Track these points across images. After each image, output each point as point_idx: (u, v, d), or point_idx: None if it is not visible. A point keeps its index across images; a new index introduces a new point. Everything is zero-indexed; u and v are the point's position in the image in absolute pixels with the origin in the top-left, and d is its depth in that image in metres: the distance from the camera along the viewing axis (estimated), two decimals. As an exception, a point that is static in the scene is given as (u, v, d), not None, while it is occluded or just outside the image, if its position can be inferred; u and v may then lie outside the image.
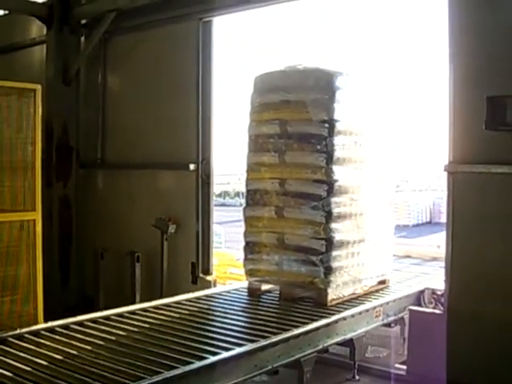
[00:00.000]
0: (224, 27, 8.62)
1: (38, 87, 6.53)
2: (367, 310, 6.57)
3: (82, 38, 9.44)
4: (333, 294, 6.57)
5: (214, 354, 4.91)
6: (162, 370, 4.52)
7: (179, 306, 6.56)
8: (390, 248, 7.60)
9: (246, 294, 7.21)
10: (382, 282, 7.36)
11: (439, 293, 7.34)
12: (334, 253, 6.59)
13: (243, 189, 7.09)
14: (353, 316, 6.32)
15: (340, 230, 6.63)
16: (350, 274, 6.79)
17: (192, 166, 8.30)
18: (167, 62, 8.65)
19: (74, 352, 4.92)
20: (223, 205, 30.99)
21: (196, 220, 8.31)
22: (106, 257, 8.83)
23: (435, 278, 7.93)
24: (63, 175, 9.42)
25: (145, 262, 8.53)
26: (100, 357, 4.84)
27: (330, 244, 6.53)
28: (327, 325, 5.96)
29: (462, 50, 6.05)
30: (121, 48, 9.28)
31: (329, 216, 6.51)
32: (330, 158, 6.51)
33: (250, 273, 7.05)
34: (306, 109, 6.49)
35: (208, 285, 8.07)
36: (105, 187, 9.46)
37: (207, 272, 8.35)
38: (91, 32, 9.17)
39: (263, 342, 5.26)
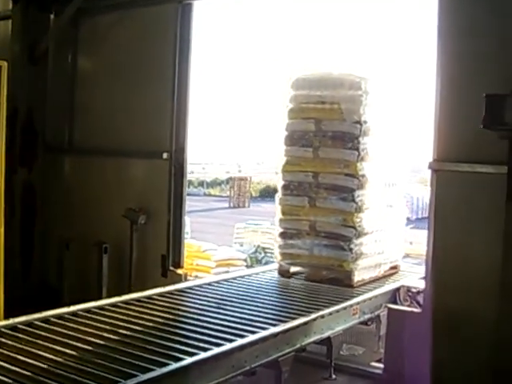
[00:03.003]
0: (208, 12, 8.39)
1: (4, 64, 6.13)
2: (344, 308, 6.46)
3: (52, 15, 9.01)
4: (358, 276, 7.38)
5: (191, 354, 4.70)
6: (136, 373, 4.27)
7: (151, 301, 6.32)
8: (402, 237, 8.45)
9: (219, 287, 7.07)
10: (394, 268, 8.18)
11: (414, 290, 7.32)
12: (361, 240, 7.42)
13: (207, 178, 7.45)
14: (330, 314, 6.21)
15: (366, 220, 7.44)
16: (372, 259, 7.62)
17: (165, 155, 8.03)
18: (143, 45, 8.32)
19: (39, 352, 4.62)
20: (187, 194, 30.70)
21: (168, 211, 8.07)
22: (72, 247, 8.50)
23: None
24: (28, 161, 9.02)
25: (113, 254, 8.22)
26: (68, 358, 4.54)
27: (358, 231, 7.36)
28: (305, 323, 5.82)
29: (449, 49, 6.04)
30: (94, 28, 8.90)
31: (358, 206, 7.35)
32: (360, 155, 7.33)
33: (282, 256, 7.81)
34: (341, 110, 7.35)
35: (178, 278, 7.82)
36: (72, 174, 9.09)
37: (178, 265, 8.12)
38: (62, 9, 8.75)
39: (241, 342, 5.08)
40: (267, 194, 39.74)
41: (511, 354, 4.72)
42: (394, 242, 8.10)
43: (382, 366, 6.67)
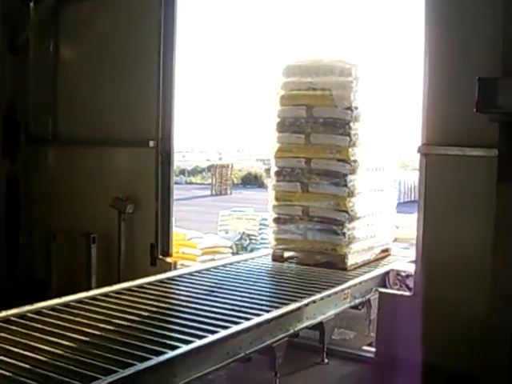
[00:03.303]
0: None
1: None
2: (336, 293, 6.51)
3: (32, 4, 8.86)
4: (351, 259, 7.55)
5: (187, 342, 4.70)
6: (134, 362, 4.27)
7: (142, 290, 6.31)
8: (392, 221, 8.63)
9: (210, 275, 7.08)
10: (385, 251, 8.38)
11: (403, 274, 7.38)
12: (354, 224, 7.60)
13: (188, 167, 7.42)
14: (322, 299, 6.25)
15: (358, 204, 7.62)
16: (364, 243, 7.81)
17: (151, 143, 7.95)
18: (126, 33, 8.16)
19: (36, 344, 4.58)
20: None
21: (155, 199, 7.98)
22: (59, 239, 8.39)
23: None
24: (10, 152, 8.92)
25: (101, 244, 8.12)
26: (65, 349, 4.52)
27: (350, 216, 7.53)
28: (298, 309, 5.85)
29: (437, 33, 6.02)
30: (76, 16, 8.72)
31: (350, 191, 7.52)
32: (351, 141, 7.48)
33: (276, 241, 7.92)
34: (331, 96, 7.46)
35: (168, 267, 7.78)
36: (57, 165, 8.96)
37: (167, 253, 8.06)
38: (42, -4, 8.64)
39: (236, 328, 5.09)
40: (249, 180, 39.81)
41: (502, 339, 4.74)
42: (384, 226, 8.31)
43: (373, 349, 6.70)
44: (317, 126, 7.60)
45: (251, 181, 39.82)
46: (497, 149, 4.97)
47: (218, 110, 61.53)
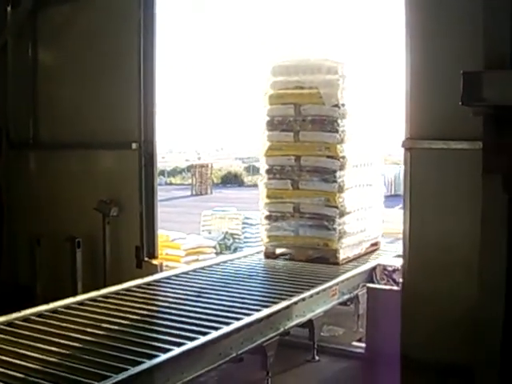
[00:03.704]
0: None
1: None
2: (324, 290, 6.54)
3: (9, 8, 8.74)
4: (343, 254, 7.75)
5: (179, 344, 4.69)
6: (127, 366, 4.24)
7: (130, 293, 6.27)
8: (380, 215, 8.81)
9: (197, 277, 7.07)
10: (375, 244, 8.63)
11: (390, 269, 7.40)
12: (344, 219, 7.81)
13: (167, 167, 7.45)
14: (311, 296, 6.27)
15: (348, 199, 7.83)
16: (355, 237, 8.02)
17: (134, 145, 7.88)
18: (106, 34, 8.07)
19: (26, 352, 4.53)
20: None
21: (139, 202, 7.92)
22: (43, 243, 8.28)
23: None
24: (-9, 158, 8.81)
25: (86, 248, 8.04)
26: (55, 355, 4.48)
27: (340, 211, 7.73)
28: (287, 307, 5.88)
29: (420, 26, 6.01)
30: (54, 18, 8.60)
31: (340, 187, 7.72)
32: (340, 137, 7.69)
33: (268, 238, 8.09)
34: (319, 94, 7.62)
35: (154, 269, 7.73)
36: (39, 169, 8.83)
37: (152, 255, 8.01)
38: (19, 0, 8.53)
39: (227, 329, 5.09)
40: (228, 180, 39.77)
41: (492, 334, 4.74)
42: (373, 220, 8.53)
43: (363, 345, 6.71)
44: (305, 124, 7.79)
45: (231, 180, 39.80)
46: (481, 141, 4.98)
47: (196, 110, 61.45)
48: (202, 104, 61.60)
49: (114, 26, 8.03)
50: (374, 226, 8.52)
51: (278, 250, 8.15)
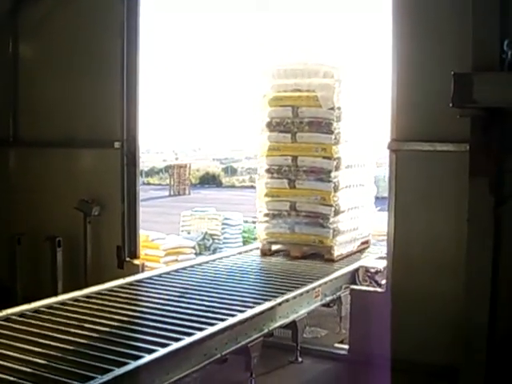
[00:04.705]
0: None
1: None
2: (307, 291, 6.53)
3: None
4: (337, 251, 8.02)
5: (164, 345, 4.63)
6: (112, 367, 4.18)
7: (112, 293, 6.20)
8: (371, 214, 9.04)
9: (179, 277, 7.01)
10: (366, 242, 8.90)
11: (372, 270, 7.43)
12: (338, 217, 8.11)
13: (145, 167, 7.50)
14: (295, 298, 6.25)
15: (342, 198, 8.15)
16: (348, 235, 8.32)
17: (117, 144, 7.80)
18: (89, 32, 7.96)
19: (5, 352, 4.46)
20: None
21: (121, 201, 7.84)
22: (24, 242, 8.14)
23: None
24: (-31, 156, 8.64)
25: (67, 247, 7.93)
26: (38, 356, 4.41)
27: (335, 210, 8.04)
28: (271, 308, 5.85)
29: (406, 28, 6.05)
30: (36, 15, 8.45)
31: (335, 186, 8.03)
32: (335, 139, 8.01)
33: (264, 236, 8.34)
34: (316, 97, 7.95)
35: (135, 269, 7.66)
36: (20, 167, 8.67)
37: (134, 255, 7.93)
38: (-1, -3, 8.40)
39: (211, 330, 5.05)
40: (206, 180, 39.62)
41: (478, 335, 4.77)
42: (365, 219, 8.82)
43: (345, 346, 6.71)
44: (302, 126, 8.12)
45: (209, 181, 39.65)
46: (466, 143, 5.01)
47: (174, 110, 61.20)
48: (181, 104, 61.31)
49: (97, 23, 7.94)
50: (365, 224, 8.80)
51: (274, 247, 8.37)
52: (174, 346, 4.65)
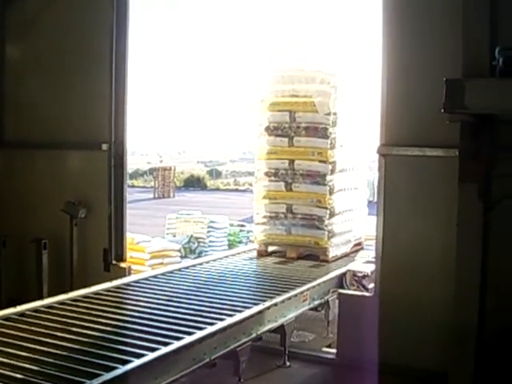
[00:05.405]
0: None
1: None
2: (296, 295, 6.53)
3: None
4: (332, 252, 8.33)
5: (152, 349, 4.61)
6: (100, 372, 4.14)
7: (100, 296, 6.16)
8: (364, 217, 9.37)
9: (166, 280, 7.00)
10: (359, 244, 9.21)
11: (360, 275, 7.42)
12: (333, 219, 8.42)
13: (129, 170, 7.49)
14: (283, 302, 6.24)
15: (337, 201, 8.46)
16: (343, 237, 8.63)
17: (104, 146, 7.74)
18: (77, 31, 7.89)
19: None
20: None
21: (108, 203, 7.79)
22: (9, 244, 8.07)
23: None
24: (-46, 156, 8.52)
25: (52, 250, 7.85)
26: (24, 360, 4.36)
27: (331, 212, 8.34)
28: (259, 312, 5.85)
29: (396, 32, 6.07)
30: (23, 14, 8.36)
31: (330, 189, 8.35)
32: (331, 143, 8.33)
33: (261, 237, 8.60)
34: (313, 103, 8.24)
35: (122, 272, 7.61)
36: (5, 168, 8.51)
37: (121, 258, 7.88)
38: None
39: (200, 334, 5.03)
40: (191, 183, 39.54)
41: (467, 340, 4.77)
42: (358, 221, 9.14)
43: (333, 351, 6.71)
44: (299, 130, 8.43)
45: (193, 183, 39.56)
46: (456, 149, 5.02)
47: (158, 112, 61.03)
48: (166, 107, 61.18)
49: (85, 23, 7.85)
50: (358, 226, 9.09)
51: (270, 248, 8.63)
52: (163, 350, 4.62)
